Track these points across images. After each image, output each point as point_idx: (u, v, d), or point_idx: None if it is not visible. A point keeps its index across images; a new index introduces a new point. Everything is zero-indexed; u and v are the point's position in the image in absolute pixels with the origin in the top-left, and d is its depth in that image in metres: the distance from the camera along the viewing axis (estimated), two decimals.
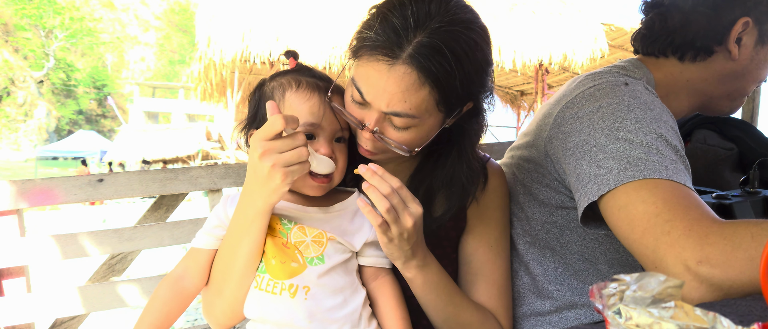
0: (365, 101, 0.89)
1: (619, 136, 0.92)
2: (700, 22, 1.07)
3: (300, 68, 1.03)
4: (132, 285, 1.41)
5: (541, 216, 1.14)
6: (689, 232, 0.78)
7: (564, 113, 1.05)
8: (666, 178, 0.85)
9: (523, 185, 1.18)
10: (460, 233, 1.12)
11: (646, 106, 0.96)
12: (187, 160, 20.68)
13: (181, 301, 0.95)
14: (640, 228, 0.83)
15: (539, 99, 9.40)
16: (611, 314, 0.39)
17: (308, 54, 7.50)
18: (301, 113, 0.92)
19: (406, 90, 0.85)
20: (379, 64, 0.85)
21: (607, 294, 0.40)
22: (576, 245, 1.12)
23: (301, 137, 0.81)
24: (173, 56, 52.25)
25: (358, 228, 0.98)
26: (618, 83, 1.02)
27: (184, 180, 1.47)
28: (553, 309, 1.16)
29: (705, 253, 0.75)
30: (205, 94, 10.52)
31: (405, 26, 0.83)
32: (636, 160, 0.88)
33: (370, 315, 0.97)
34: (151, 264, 5.32)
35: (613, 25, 8.51)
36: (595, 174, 0.91)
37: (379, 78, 0.85)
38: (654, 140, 0.90)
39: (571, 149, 0.98)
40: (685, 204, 0.82)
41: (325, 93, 0.95)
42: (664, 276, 0.40)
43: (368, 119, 0.91)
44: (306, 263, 0.90)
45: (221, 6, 7.87)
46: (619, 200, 0.87)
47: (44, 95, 43.36)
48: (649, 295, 0.39)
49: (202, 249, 0.96)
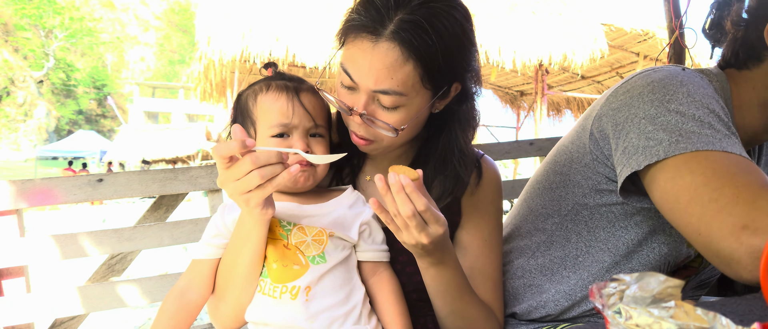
0: (353, 83, 0.91)
1: (670, 108, 0.91)
2: (749, 27, 1.05)
3: (274, 75, 1.05)
4: (132, 285, 1.41)
5: (572, 197, 1.13)
6: (737, 199, 0.77)
7: (617, 91, 1.05)
8: (719, 150, 0.84)
9: (557, 165, 1.18)
10: (455, 226, 1.13)
11: (698, 85, 0.95)
12: (187, 160, 20.69)
13: (188, 313, 0.96)
14: (687, 198, 0.83)
15: (539, 99, 9.39)
16: (611, 313, 0.39)
17: (308, 54, 7.50)
18: (272, 113, 0.95)
19: (391, 66, 0.87)
20: (364, 43, 0.88)
21: (607, 293, 0.40)
22: (604, 231, 1.11)
23: (245, 163, 0.77)
24: (173, 56, 52.26)
25: (355, 216, 0.99)
26: (675, 68, 1.02)
27: (184, 180, 1.47)
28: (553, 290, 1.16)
29: (751, 218, 0.74)
30: (205, 94, 10.51)
31: (386, 5, 0.87)
32: (688, 133, 0.87)
33: (369, 312, 0.98)
34: (150, 264, 5.32)
35: (613, 25, 8.51)
36: (644, 146, 0.91)
37: (365, 57, 0.88)
38: (706, 115, 0.89)
39: (620, 123, 0.98)
40: (734, 171, 0.81)
41: (294, 92, 0.97)
42: (663, 276, 0.40)
43: (357, 103, 0.93)
44: (309, 262, 0.91)
45: (221, 6, 7.86)
46: (667, 173, 0.86)
47: (44, 95, 43.36)
48: (649, 295, 0.39)
49: (204, 260, 0.97)
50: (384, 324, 0.99)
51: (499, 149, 1.93)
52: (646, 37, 8.55)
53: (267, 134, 0.95)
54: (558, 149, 1.23)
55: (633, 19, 8.55)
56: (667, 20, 2.25)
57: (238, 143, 0.76)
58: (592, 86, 11.03)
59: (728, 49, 1.08)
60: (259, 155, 0.77)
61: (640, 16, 8.75)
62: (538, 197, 1.23)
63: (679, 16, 2.18)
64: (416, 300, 1.07)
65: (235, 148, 0.76)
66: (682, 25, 2.18)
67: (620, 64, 9.88)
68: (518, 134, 12.42)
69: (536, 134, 9.49)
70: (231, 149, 0.76)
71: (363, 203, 1.04)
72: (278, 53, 7.49)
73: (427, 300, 1.09)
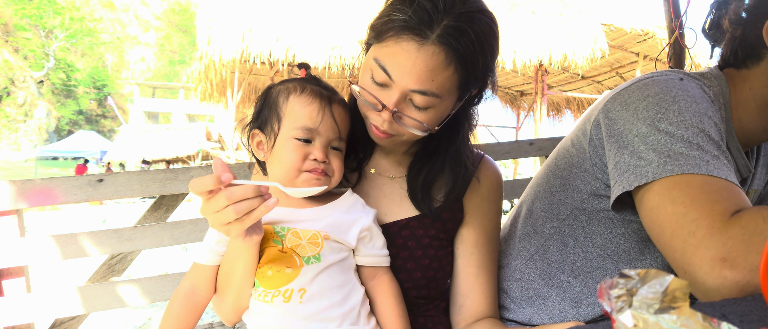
0: (390, 80, 0.92)
1: (660, 127, 0.92)
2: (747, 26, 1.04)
3: (308, 78, 1.05)
4: (132, 286, 1.41)
5: (571, 202, 1.14)
6: (711, 229, 0.77)
7: (614, 99, 1.04)
8: (706, 173, 0.84)
9: (558, 168, 1.19)
10: (458, 225, 1.13)
11: (692, 100, 0.95)
12: (187, 160, 20.70)
13: (195, 314, 0.97)
14: (669, 231, 0.83)
15: (539, 99, 9.40)
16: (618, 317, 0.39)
17: (308, 54, 7.50)
18: (301, 117, 0.95)
19: (434, 69, 0.89)
20: (409, 44, 0.88)
21: (616, 295, 0.40)
22: (601, 237, 1.11)
23: (221, 199, 0.77)
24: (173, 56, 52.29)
25: (353, 222, 0.99)
26: (672, 78, 1.02)
27: (184, 180, 1.47)
28: (558, 298, 1.16)
29: (727, 248, 0.75)
30: (205, 94, 10.52)
31: (435, 9, 0.88)
32: (676, 154, 0.87)
33: (368, 313, 0.98)
34: (150, 264, 5.33)
35: (613, 25, 8.51)
36: (635, 165, 0.91)
37: (408, 57, 0.89)
38: (695, 135, 0.90)
39: (614, 136, 0.99)
40: (714, 199, 0.81)
41: (327, 102, 0.98)
42: (670, 275, 0.39)
43: (388, 100, 0.93)
44: (303, 262, 0.91)
45: (221, 6, 7.86)
46: (652, 200, 0.87)
47: (44, 95, 43.38)
48: (656, 299, 0.38)
49: (205, 265, 0.98)
50: (383, 326, 0.99)
51: (499, 149, 1.93)
52: (646, 37, 8.55)
53: (291, 135, 0.95)
54: (559, 151, 1.23)
55: (633, 19, 8.55)
56: (667, 20, 2.25)
57: (214, 178, 0.76)
58: (592, 86, 11.04)
59: (727, 48, 1.08)
60: (235, 190, 0.77)
61: (640, 16, 8.76)
62: (538, 200, 1.24)
63: (679, 16, 2.18)
64: (415, 297, 1.07)
65: (210, 184, 0.76)
66: (682, 25, 2.18)
67: (620, 64, 9.88)
68: (518, 134, 12.43)
69: (536, 134, 9.49)
70: (206, 185, 0.76)
71: (362, 206, 1.04)
72: (278, 53, 7.49)
73: (427, 298, 1.09)
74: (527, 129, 12.44)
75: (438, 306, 1.13)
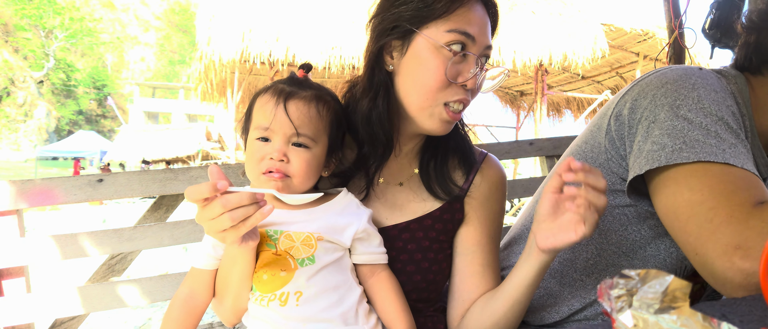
0: (473, 43, 0.97)
1: (679, 113, 0.91)
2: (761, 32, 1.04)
3: (290, 78, 1.04)
4: (132, 286, 1.41)
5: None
6: (730, 218, 0.77)
7: (632, 89, 1.04)
8: (722, 161, 0.84)
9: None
10: (457, 225, 1.13)
11: (711, 88, 0.95)
12: (187, 160, 20.70)
13: (194, 318, 0.97)
14: (685, 216, 0.83)
15: (539, 99, 9.39)
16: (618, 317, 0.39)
17: (308, 54, 7.50)
18: (258, 116, 0.96)
19: (488, 26, 1.02)
20: (476, 5, 1.00)
21: (616, 295, 0.40)
22: (615, 234, 1.10)
23: (216, 206, 0.77)
24: (173, 56, 52.28)
25: (347, 224, 0.98)
26: (691, 68, 1.01)
27: (184, 180, 1.47)
28: (569, 296, 1.15)
29: (744, 237, 0.74)
30: (205, 94, 10.51)
31: None
32: (693, 141, 0.87)
33: (368, 311, 0.97)
34: (150, 264, 5.33)
35: (613, 25, 8.50)
36: (649, 150, 0.91)
37: (482, 18, 1.00)
38: (714, 123, 0.89)
39: (634, 123, 0.99)
40: (731, 189, 0.81)
41: (284, 98, 0.95)
42: (671, 276, 0.39)
43: (474, 68, 0.98)
44: (297, 265, 0.91)
45: (221, 6, 7.86)
46: (668, 186, 0.87)
47: (44, 95, 43.37)
48: (656, 299, 0.38)
49: (204, 269, 0.98)
50: (386, 322, 0.98)
51: (498, 149, 1.92)
52: (646, 37, 8.55)
53: (253, 136, 0.96)
54: (571, 150, 1.22)
55: (633, 19, 8.55)
56: (667, 20, 2.25)
57: (210, 186, 0.76)
58: (592, 86, 11.03)
59: (741, 53, 1.08)
60: (230, 198, 0.77)
61: (640, 16, 8.75)
62: None
63: (679, 16, 2.18)
64: (415, 300, 1.07)
65: (205, 192, 0.76)
66: (681, 25, 2.19)
67: (620, 64, 9.88)
68: (518, 134, 12.42)
69: (536, 134, 9.49)
70: (201, 192, 0.76)
71: (356, 206, 1.02)
72: (278, 53, 7.49)
73: (427, 301, 1.09)
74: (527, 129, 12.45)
75: (437, 307, 1.13)
